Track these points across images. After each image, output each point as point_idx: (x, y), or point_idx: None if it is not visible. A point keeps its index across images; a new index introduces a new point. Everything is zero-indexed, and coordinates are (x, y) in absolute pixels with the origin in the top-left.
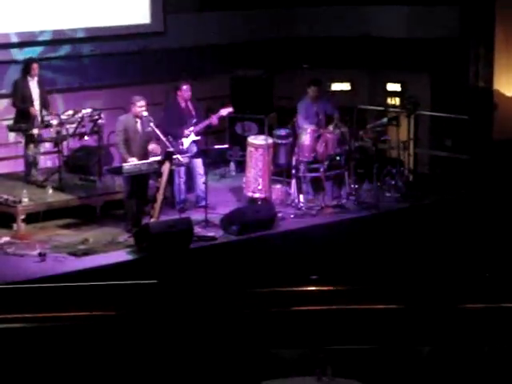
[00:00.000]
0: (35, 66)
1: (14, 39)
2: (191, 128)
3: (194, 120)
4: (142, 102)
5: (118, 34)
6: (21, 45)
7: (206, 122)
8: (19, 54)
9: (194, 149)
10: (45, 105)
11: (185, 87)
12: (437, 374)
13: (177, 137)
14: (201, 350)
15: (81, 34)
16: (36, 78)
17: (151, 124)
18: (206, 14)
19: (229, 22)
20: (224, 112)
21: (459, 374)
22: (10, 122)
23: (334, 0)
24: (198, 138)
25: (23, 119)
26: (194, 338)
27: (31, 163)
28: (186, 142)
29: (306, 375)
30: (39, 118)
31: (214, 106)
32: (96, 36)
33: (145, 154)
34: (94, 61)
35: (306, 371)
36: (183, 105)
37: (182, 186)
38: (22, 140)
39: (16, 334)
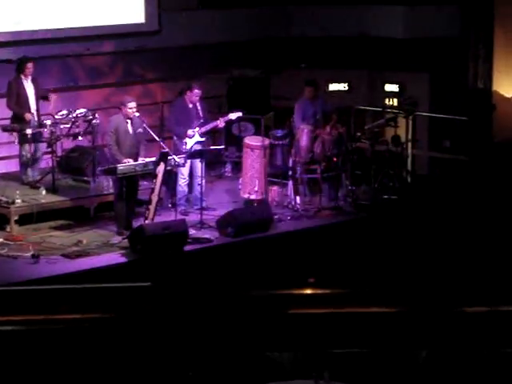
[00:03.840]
0: (30, 65)
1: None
2: (196, 129)
3: (201, 121)
4: (133, 103)
5: (113, 33)
6: (15, 43)
7: (213, 124)
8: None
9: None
10: (46, 101)
11: (196, 90)
12: (434, 378)
13: (181, 137)
14: (196, 354)
15: (74, 33)
16: (30, 77)
17: (144, 125)
18: (201, 12)
19: (225, 20)
20: (232, 116)
21: (457, 378)
22: (5, 122)
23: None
24: (203, 139)
25: (19, 120)
26: (188, 342)
27: (26, 163)
28: (190, 143)
29: (302, 379)
30: (36, 118)
31: (210, 107)
32: (90, 35)
33: (135, 155)
34: (87, 60)
35: (303, 375)
36: (191, 105)
37: (185, 188)
38: (16, 140)
39: (8, 337)
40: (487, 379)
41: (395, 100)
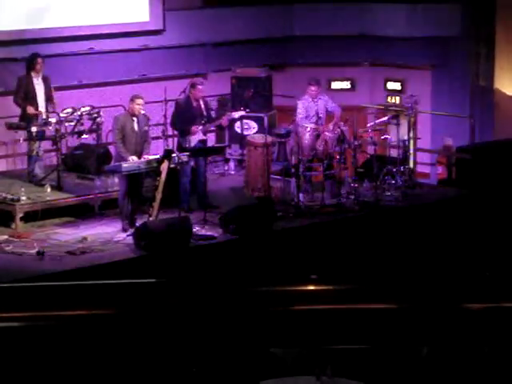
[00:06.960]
0: (40, 60)
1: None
2: (200, 127)
3: (204, 119)
4: (141, 100)
5: (117, 32)
6: (20, 42)
7: (216, 123)
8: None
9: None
10: (49, 102)
11: (200, 87)
12: (436, 373)
13: (185, 135)
14: (200, 349)
15: (79, 32)
16: (41, 75)
17: (149, 123)
18: (205, 11)
19: (228, 19)
20: (236, 114)
21: (458, 374)
22: (12, 120)
23: None
24: (206, 137)
25: (27, 117)
26: (193, 338)
27: (34, 161)
28: (194, 141)
29: (305, 375)
30: (44, 116)
31: (213, 105)
32: (95, 34)
33: (140, 153)
34: (92, 58)
35: (306, 371)
36: (195, 103)
37: (188, 185)
38: (22, 138)
39: (14, 333)
40: (488, 376)
41: (397, 98)
